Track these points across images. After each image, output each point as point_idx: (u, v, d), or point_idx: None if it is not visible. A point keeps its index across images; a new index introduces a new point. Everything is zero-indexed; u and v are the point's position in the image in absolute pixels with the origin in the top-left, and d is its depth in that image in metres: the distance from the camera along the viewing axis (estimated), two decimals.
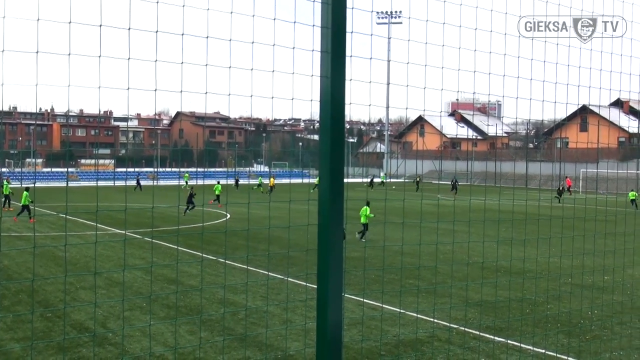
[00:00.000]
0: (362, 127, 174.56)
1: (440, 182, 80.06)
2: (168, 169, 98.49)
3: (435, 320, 14.54)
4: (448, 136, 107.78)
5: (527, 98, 7.47)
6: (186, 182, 67.53)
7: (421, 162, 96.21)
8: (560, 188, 57.96)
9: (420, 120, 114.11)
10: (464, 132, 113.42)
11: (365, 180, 73.54)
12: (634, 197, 47.79)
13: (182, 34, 5.10)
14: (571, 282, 19.39)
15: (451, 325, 14.18)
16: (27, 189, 35.50)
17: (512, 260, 20.91)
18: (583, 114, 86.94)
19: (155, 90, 5.41)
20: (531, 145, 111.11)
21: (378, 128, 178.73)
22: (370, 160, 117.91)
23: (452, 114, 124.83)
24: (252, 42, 5.17)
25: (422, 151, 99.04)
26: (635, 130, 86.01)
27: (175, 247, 24.41)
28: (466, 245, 23.50)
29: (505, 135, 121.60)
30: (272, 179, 59.04)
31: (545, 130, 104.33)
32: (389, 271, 20.27)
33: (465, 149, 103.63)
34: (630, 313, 15.54)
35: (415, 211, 32.37)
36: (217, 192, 45.46)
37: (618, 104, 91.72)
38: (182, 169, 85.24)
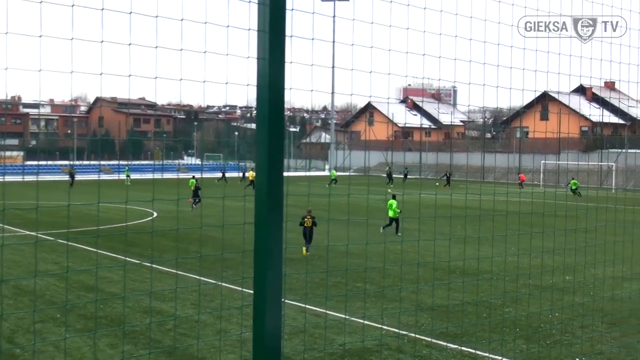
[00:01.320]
0: (304, 115, 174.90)
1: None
2: (86, 162, 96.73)
3: (385, 327, 14.70)
4: (399, 125, 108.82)
5: (480, 84, 7.60)
6: (127, 177, 66.77)
7: (372, 153, 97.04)
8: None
9: (369, 108, 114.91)
10: (416, 120, 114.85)
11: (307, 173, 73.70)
12: (575, 187, 52.30)
13: (102, 9, 4.99)
14: (530, 283, 19.86)
15: (401, 332, 14.35)
16: None
17: (466, 260, 21.30)
18: (543, 102, 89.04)
19: (72, 72, 5.30)
20: (488, 135, 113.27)
21: (323, 116, 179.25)
22: (314, 152, 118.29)
23: (403, 101, 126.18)
24: (182, 20, 5.11)
25: (371, 141, 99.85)
26: (599, 119, 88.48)
27: (94, 250, 24.01)
28: (417, 245, 23.82)
29: (461, 124, 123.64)
30: (251, 172, 59.78)
31: (504, 118, 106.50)
32: (334, 274, 20.38)
33: (418, 139, 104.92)
34: (592, 315, 16.01)
35: (361, 207, 32.61)
36: (192, 187, 45.66)
37: (580, 90, 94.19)
38: (121, 162, 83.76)
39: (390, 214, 30.15)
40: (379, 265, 20.66)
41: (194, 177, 48.82)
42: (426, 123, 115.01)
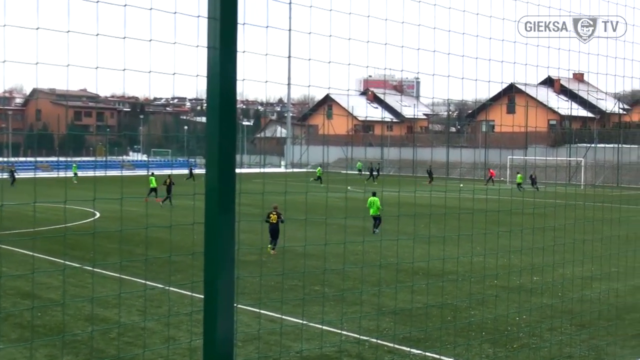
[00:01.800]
0: (259, 107, 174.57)
1: (347, 172, 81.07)
2: (22, 159, 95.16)
3: (344, 333, 14.75)
4: (359, 119, 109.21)
5: (445, 75, 7.67)
6: (75, 174, 66.03)
7: (331, 149, 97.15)
8: (532, 178, 60.88)
9: (328, 100, 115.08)
10: (377, 113, 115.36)
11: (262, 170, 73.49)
12: (520, 181, 56.39)
13: None
14: (497, 284, 20.12)
15: (362, 337, 14.43)
16: None
17: (430, 260, 21.49)
18: (510, 94, 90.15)
19: (4, 61, 5.20)
20: (453, 129, 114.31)
21: (278, 109, 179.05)
22: (270, 147, 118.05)
23: (363, 93, 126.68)
24: (125, 5, 5.06)
25: (329, 136, 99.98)
26: (567, 112, 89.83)
27: (31, 253, 23.65)
28: (379, 245, 23.96)
29: (425, 117, 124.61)
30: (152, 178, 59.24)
31: (469, 112, 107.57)
32: (291, 277, 20.39)
33: (380, 133, 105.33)
34: (561, 317, 16.29)
35: (320, 206, 32.69)
36: (152, 185, 45.96)
37: (548, 82, 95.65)
38: (68, 159, 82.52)
39: (372, 211, 30.60)
40: (339, 267, 20.73)
41: (152, 174, 48.72)
42: (388, 116, 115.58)
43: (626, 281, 19.17)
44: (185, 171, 68.82)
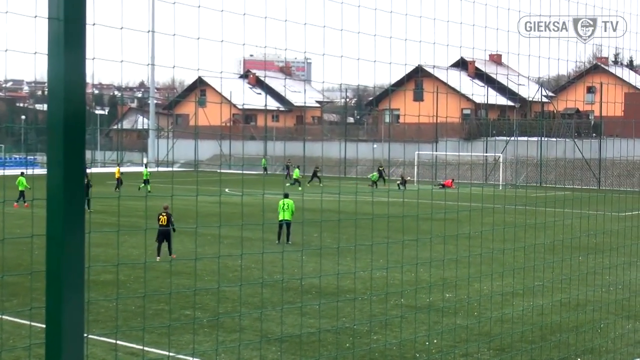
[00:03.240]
0: (115, 93, 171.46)
1: (224, 170, 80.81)
2: None
3: None
4: (238, 107, 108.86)
5: (338, 55, 7.73)
6: None
7: (204, 143, 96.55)
8: (402, 178, 62.05)
9: (200, 84, 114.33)
10: (260, 100, 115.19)
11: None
12: (375, 179, 63.51)
13: None
14: (403, 303, 20.45)
15: None
16: None
17: (323, 276, 21.65)
18: (416, 78, 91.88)
19: None
20: (351, 120, 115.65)
21: (139, 95, 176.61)
22: (129, 141, 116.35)
23: (244, 76, 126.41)
24: None
25: (202, 128, 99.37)
26: (483, 100, 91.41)
27: None
28: (261, 258, 23.96)
29: (317, 105, 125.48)
30: (117, 170, 59.94)
31: (370, 99, 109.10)
32: (155, 299, 20.15)
33: (263, 124, 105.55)
34: (477, 340, 16.71)
35: (190, 212, 32.44)
36: (20, 188, 44.52)
37: (461, 65, 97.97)
38: None
39: (285, 216, 29.80)
40: (213, 287, 20.63)
41: (22, 173, 47.38)
42: (273, 104, 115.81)
43: (552, 297, 19.83)
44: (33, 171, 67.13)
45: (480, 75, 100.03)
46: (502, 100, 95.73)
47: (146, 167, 63.67)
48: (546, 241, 19.98)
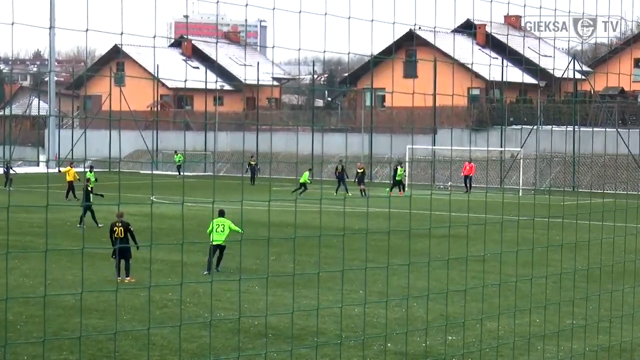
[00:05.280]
0: (1, 66, 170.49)
1: (154, 171, 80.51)
2: None
3: None
4: (169, 85, 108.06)
5: (296, 11, 7.58)
6: None
7: (125, 134, 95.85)
8: (358, 172, 62.18)
9: (117, 56, 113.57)
10: (199, 76, 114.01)
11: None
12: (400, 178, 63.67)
13: None
14: (390, 348, 20.36)
15: None
16: None
17: (282, 314, 21.53)
18: (408, 47, 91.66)
19: None
20: (320, 103, 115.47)
21: (34, 69, 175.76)
22: (22, 134, 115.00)
23: (176, 44, 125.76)
24: None
25: (121, 114, 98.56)
26: (498, 77, 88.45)
27: None
28: (199, 289, 23.76)
29: (275, 84, 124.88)
30: (69, 169, 59.52)
31: (345, 75, 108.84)
32: (57, 345, 19.97)
33: (203, 109, 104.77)
34: None
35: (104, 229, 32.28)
36: None
37: (468, 29, 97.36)
38: None
39: (220, 238, 28.75)
40: (136, 329, 20.45)
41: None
42: (216, 82, 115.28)
43: (589, 339, 19.74)
44: None
45: (495, 44, 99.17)
46: (520, 77, 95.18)
47: (91, 171, 62.61)
48: (580, 265, 19.95)
